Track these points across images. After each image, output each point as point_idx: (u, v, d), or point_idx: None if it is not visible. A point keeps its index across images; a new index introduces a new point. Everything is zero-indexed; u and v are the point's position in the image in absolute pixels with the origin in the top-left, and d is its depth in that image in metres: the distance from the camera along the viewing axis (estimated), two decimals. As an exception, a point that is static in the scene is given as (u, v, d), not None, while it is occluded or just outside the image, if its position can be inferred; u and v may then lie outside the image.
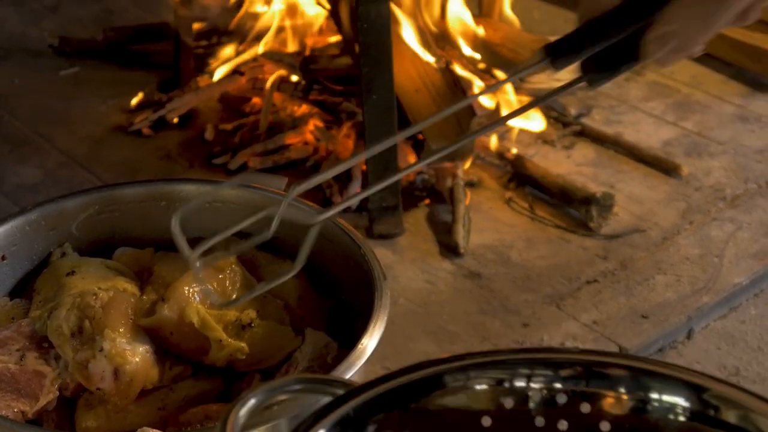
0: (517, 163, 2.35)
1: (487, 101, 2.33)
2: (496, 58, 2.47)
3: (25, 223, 1.54)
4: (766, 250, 2.15)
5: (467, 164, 2.32)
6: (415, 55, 2.33)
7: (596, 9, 1.19)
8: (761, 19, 2.71)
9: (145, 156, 2.44)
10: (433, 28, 2.46)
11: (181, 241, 1.20)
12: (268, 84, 2.45)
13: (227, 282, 1.46)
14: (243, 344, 1.40)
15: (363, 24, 1.96)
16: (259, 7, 2.63)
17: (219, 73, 2.56)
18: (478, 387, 0.94)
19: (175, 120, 2.51)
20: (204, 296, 1.42)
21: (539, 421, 0.94)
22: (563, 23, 2.88)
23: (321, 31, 2.56)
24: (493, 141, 2.40)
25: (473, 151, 2.32)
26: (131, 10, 3.03)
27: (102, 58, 2.79)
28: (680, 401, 0.93)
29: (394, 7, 2.23)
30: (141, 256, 1.56)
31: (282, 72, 2.49)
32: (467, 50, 2.45)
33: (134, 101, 2.58)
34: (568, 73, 2.61)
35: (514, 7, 2.66)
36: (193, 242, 1.59)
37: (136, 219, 1.60)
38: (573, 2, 2.95)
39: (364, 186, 2.20)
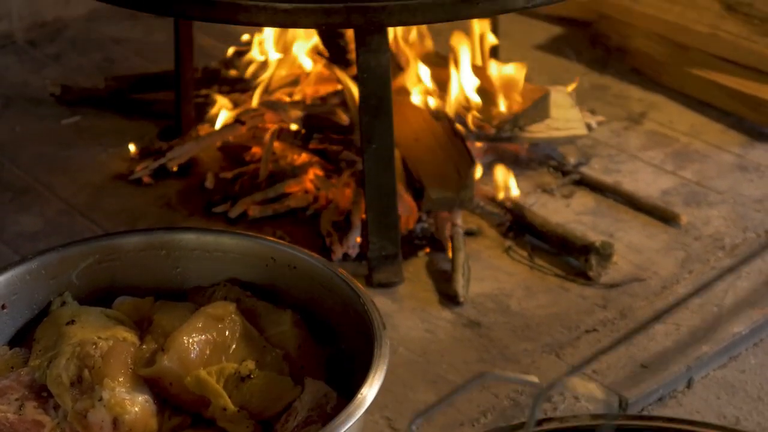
0: (517, 211, 2.35)
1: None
2: (496, 107, 2.48)
3: (26, 272, 1.55)
4: (765, 300, 2.15)
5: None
6: (414, 104, 2.34)
7: None
8: (759, 68, 2.73)
9: (145, 204, 2.45)
10: (433, 78, 2.47)
11: None
12: (268, 133, 2.46)
13: (226, 331, 1.47)
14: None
15: (363, 74, 1.97)
16: (260, 57, 2.64)
17: (220, 122, 2.57)
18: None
19: (175, 168, 2.52)
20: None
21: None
22: (562, 72, 2.90)
23: (321, 81, 2.57)
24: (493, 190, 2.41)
25: (473, 200, 2.32)
26: (133, 59, 3.05)
27: (103, 107, 2.80)
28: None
29: (393, 58, 2.25)
30: (141, 305, 1.57)
31: (282, 121, 2.50)
32: (467, 100, 2.46)
33: (135, 150, 2.59)
34: (567, 121, 2.63)
35: (512, 56, 2.67)
36: (193, 291, 1.60)
37: (136, 268, 1.61)
38: (570, 53, 2.97)
39: (364, 235, 2.20)
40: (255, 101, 2.56)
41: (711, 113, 2.75)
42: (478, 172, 2.37)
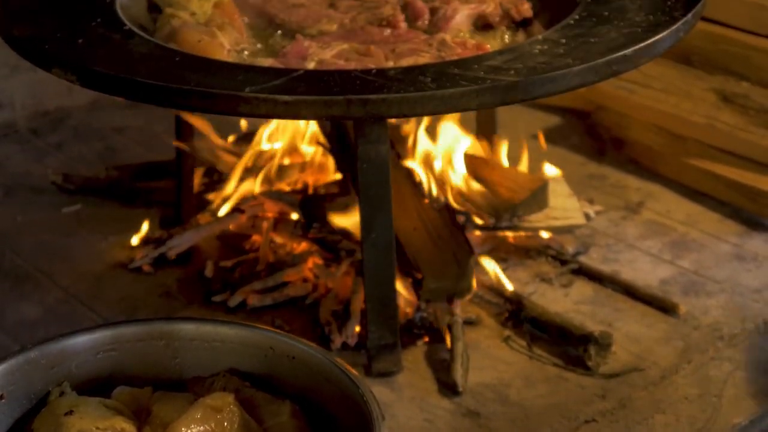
0: (515, 301, 2.36)
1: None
2: (494, 197, 2.50)
3: (25, 362, 1.55)
4: (765, 390, 2.14)
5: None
6: (413, 194, 2.36)
7: None
8: (755, 159, 2.75)
9: (144, 293, 2.46)
10: (432, 168, 2.49)
11: None
12: (267, 222, 2.48)
13: (225, 423, 1.46)
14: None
15: (362, 164, 1.99)
16: (260, 146, 2.66)
17: (220, 211, 2.58)
18: None
19: (175, 256, 2.53)
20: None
21: None
22: (560, 162, 2.91)
23: (321, 170, 2.59)
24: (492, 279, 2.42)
25: (472, 289, 2.33)
26: (134, 148, 3.07)
27: (104, 195, 2.82)
28: None
29: (392, 148, 2.27)
30: (140, 395, 1.56)
31: (282, 210, 2.52)
32: (465, 190, 2.48)
33: (135, 238, 2.61)
34: (565, 210, 2.64)
35: (510, 147, 2.69)
36: (192, 381, 1.60)
37: (135, 358, 1.61)
38: (569, 144, 3.00)
39: (363, 324, 2.21)
40: (255, 190, 2.58)
41: (708, 203, 2.77)
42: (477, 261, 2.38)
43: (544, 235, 2.56)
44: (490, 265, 2.42)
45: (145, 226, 2.63)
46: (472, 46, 2.03)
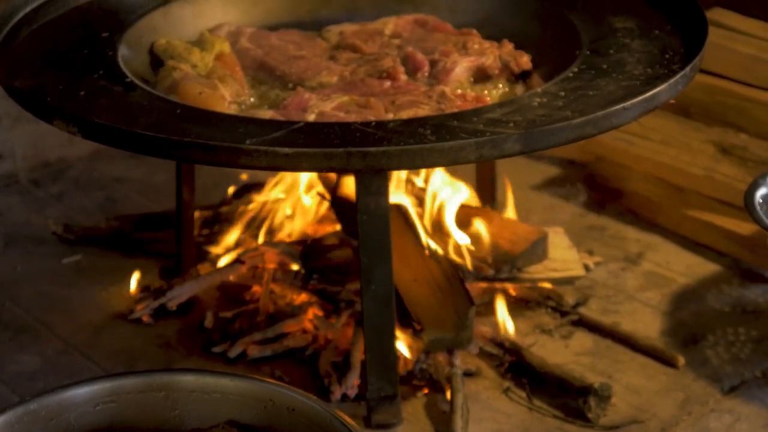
0: (515, 352, 2.35)
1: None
2: (494, 248, 2.51)
3: (24, 413, 1.55)
4: (765, 442, 2.14)
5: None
6: (413, 245, 2.36)
7: None
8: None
9: (144, 344, 2.46)
10: (432, 220, 2.50)
11: None
12: (267, 273, 2.48)
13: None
14: None
15: (363, 216, 2.00)
16: (261, 197, 2.67)
17: (220, 262, 2.59)
18: None
19: (175, 307, 2.53)
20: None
21: None
22: (559, 213, 2.92)
23: (321, 221, 2.60)
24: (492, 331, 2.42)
25: (471, 341, 2.33)
26: (134, 199, 3.08)
27: (105, 246, 2.82)
28: None
29: (392, 200, 2.27)
30: (139, 447, 1.56)
31: (282, 261, 2.52)
32: (465, 241, 2.48)
33: (135, 289, 2.61)
34: (564, 261, 2.64)
35: (510, 197, 2.70)
36: (192, 434, 1.60)
37: (135, 410, 1.60)
38: (568, 194, 3.00)
39: (363, 376, 2.20)
40: (255, 241, 2.58)
41: (708, 254, 2.77)
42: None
43: (544, 286, 2.56)
44: (501, 310, 2.42)
45: (143, 277, 2.63)
46: (472, 98, 2.04)
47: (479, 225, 2.51)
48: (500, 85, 2.19)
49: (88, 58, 2.09)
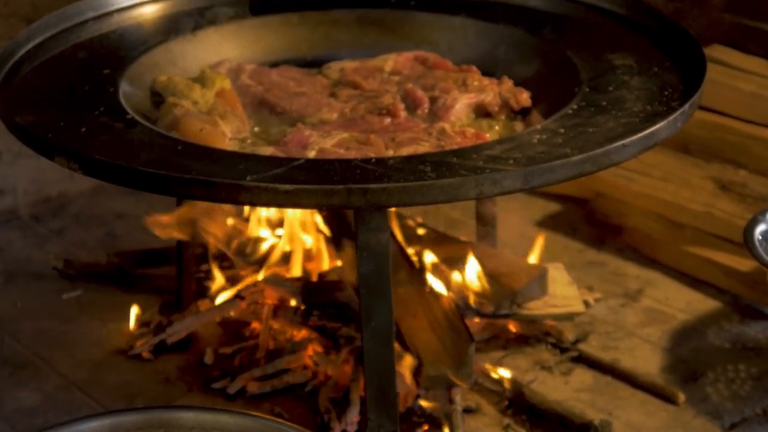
0: (515, 389, 2.35)
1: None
2: (494, 284, 2.51)
3: (23, 450, 1.55)
4: (765, 480, 2.14)
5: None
6: (413, 281, 2.36)
7: None
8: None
9: (144, 380, 2.45)
10: (431, 257, 2.50)
11: None
12: (267, 309, 2.48)
13: None
14: None
15: (363, 252, 1.99)
16: (261, 233, 2.67)
17: (220, 298, 2.59)
18: None
19: (175, 343, 2.53)
20: None
21: None
22: (559, 249, 2.93)
23: (321, 257, 2.60)
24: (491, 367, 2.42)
25: (471, 377, 2.32)
26: (135, 234, 3.08)
27: (105, 281, 2.82)
28: None
29: (393, 237, 2.28)
30: (138, 484, 1.56)
31: (282, 297, 2.52)
32: (465, 277, 2.49)
33: (135, 325, 2.61)
34: (564, 298, 2.64)
35: (509, 233, 2.71)
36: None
37: (134, 447, 1.60)
38: (568, 231, 3.01)
39: (363, 412, 2.20)
40: (255, 277, 2.58)
41: (708, 290, 2.77)
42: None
43: (544, 322, 2.56)
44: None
45: (143, 313, 2.63)
46: (472, 135, 2.05)
47: (479, 261, 2.51)
48: (500, 122, 2.19)
49: (89, 94, 2.10)
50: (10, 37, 2.22)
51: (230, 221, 2.62)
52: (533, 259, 2.71)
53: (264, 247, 2.63)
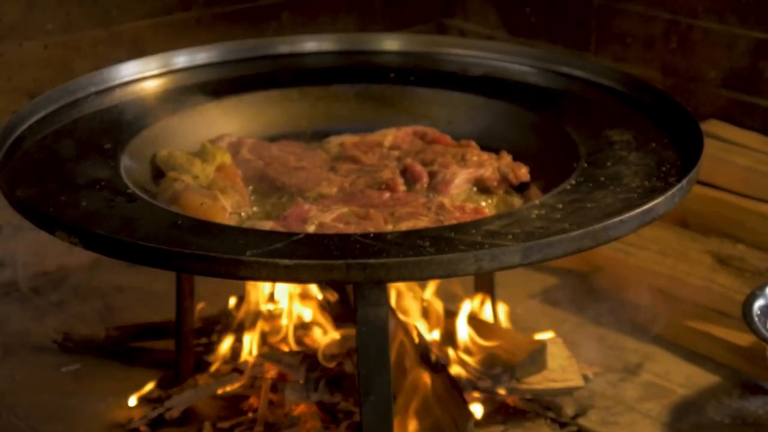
0: (515, 464, 2.35)
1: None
2: (493, 359, 2.50)
3: None
4: None
5: None
6: (412, 355, 2.36)
7: None
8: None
9: (142, 454, 2.45)
10: (429, 332, 2.50)
11: None
12: (266, 384, 2.48)
13: None
14: None
15: (362, 327, 1.99)
16: (260, 306, 2.67)
17: (218, 372, 2.58)
18: None
19: (173, 417, 2.52)
20: None
21: None
22: (558, 323, 2.93)
23: (320, 331, 2.60)
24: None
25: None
26: (134, 307, 3.08)
27: (104, 355, 2.82)
28: None
29: (391, 311, 2.28)
30: None
31: (280, 371, 2.52)
32: (463, 353, 2.48)
33: (133, 399, 2.60)
34: (563, 372, 2.63)
35: (507, 306, 2.71)
36: None
37: None
38: (567, 304, 3.01)
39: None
40: (254, 351, 2.58)
41: (707, 365, 2.77)
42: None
43: (543, 397, 2.55)
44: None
45: (142, 386, 2.62)
46: (471, 210, 2.06)
47: (478, 335, 2.51)
48: (499, 197, 2.20)
49: (90, 168, 2.11)
50: (12, 111, 2.24)
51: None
52: (532, 333, 2.71)
53: (262, 320, 2.63)
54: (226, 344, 2.66)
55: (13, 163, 2.13)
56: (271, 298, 2.66)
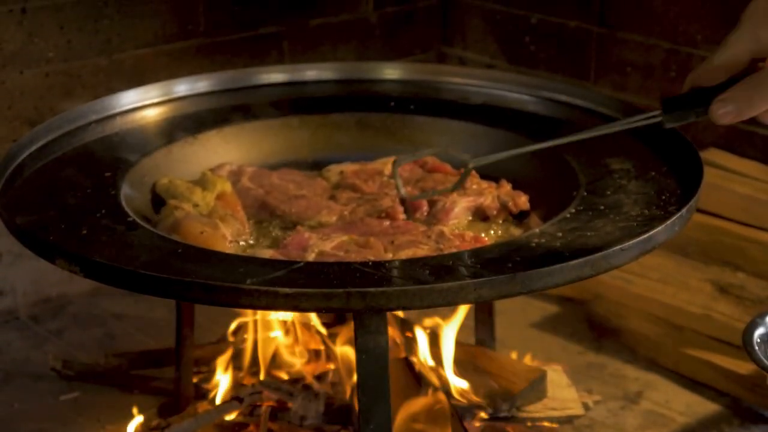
0: (515, 493, 2.34)
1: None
2: (493, 387, 2.50)
3: None
4: None
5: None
6: (412, 384, 2.36)
7: (706, 82, 1.73)
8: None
9: (140, 483, 2.44)
10: (430, 361, 2.50)
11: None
12: (265, 412, 2.47)
13: None
14: None
15: (361, 355, 1.99)
16: (259, 335, 2.67)
17: (218, 400, 2.58)
18: None
19: (173, 446, 2.52)
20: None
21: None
22: (558, 351, 2.92)
23: (320, 359, 2.60)
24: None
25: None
26: (134, 335, 3.08)
27: (103, 383, 2.81)
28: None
29: (391, 339, 2.28)
30: None
31: (280, 399, 2.52)
32: (464, 382, 2.48)
33: (133, 427, 2.59)
34: (564, 400, 2.63)
35: (507, 335, 2.71)
36: None
37: None
38: (567, 333, 3.01)
39: None
40: (253, 380, 2.58)
41: (708, 393, 2.77)
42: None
43: (543, 425, 2.55)
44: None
45: (141, 414, 2.62)
46: (470, 238, 2.06)
47: (478, 364, 2.51)
48: (498, 225, 2.20)
49: (90, 196, 2.11)
50: (13, 139, 2.25)
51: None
52: (532, 361, 2.71)
53: (262, 348, 2.63)
54: (225, 372, 2.66)
55: (13, 191, 2.13)
56: (268, 325, 2.66)
